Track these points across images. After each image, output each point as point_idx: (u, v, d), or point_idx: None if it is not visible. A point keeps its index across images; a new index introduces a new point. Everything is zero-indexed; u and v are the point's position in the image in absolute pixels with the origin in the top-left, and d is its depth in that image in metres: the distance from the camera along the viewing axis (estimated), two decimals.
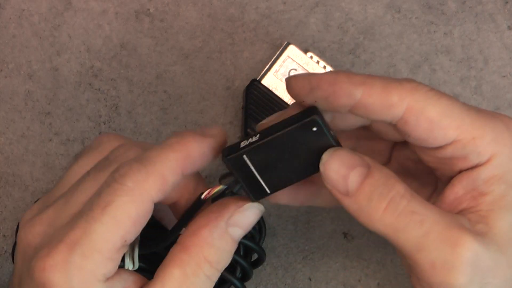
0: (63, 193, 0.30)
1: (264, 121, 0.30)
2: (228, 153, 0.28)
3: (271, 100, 0.39)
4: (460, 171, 0.28)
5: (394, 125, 0.27)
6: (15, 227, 0.38)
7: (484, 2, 0.43)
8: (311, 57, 0.40)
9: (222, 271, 0.29)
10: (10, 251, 0.41)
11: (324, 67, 0.40)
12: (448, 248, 0.25)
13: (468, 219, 0.27)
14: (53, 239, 0.27)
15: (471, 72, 0.42)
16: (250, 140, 0.28)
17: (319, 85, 0.27)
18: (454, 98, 0.27)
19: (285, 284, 0.40)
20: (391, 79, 0.27)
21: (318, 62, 0.40)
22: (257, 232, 0.38)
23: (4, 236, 0.41)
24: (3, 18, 0.43)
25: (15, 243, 0.37)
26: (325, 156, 0.27)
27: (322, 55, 0.42)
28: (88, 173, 0.30)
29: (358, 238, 0.40)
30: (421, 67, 0.42)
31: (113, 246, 0.27)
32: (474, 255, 0.25)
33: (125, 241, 0.27)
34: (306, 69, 0.40)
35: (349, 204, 0.27)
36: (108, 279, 0.27)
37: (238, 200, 0.29)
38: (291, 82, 0.28)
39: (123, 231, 0.27)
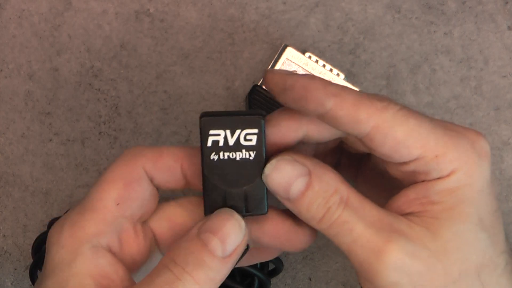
0: None
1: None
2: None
3: (275, 104, 0.39)
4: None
5: (360, 139, 0.28)
6: (16, 227, 0.38)
7: (484, 2, 0.43)
8: (310, 57, 0.40)
9: (215, 280, 0.28)
10: (29, 268, 0.41)
11: (324, 65, 0.40)
12: (373, 254, 0.27)
13: (409, 221, 0.28)
14: None
15: (471, 72, 0.42)
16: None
17: (292, 87, 0.27)
18: (424, 116, 0.28)
19: (285, 284, 0.41)
20: (366, 95, 0.27)
21: (317, 61, 0.40)
22: None
23: (4, 236, 0.41)
24: (3, 18, 0.43)
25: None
26: (267, 170, 0.28)
27: (322, 55, 0.42)
28: None
29: None
30: (421, 67, 0.42)
31: (104, 205, 0.29)
32: (399, 261, 0.26)
33: (118, 204, 0.29)
34: (306, 70, 0.40)
35: (291, 208, 0.29)
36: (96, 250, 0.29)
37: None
38: (268, 76, 0.29)
39: (115, 191, 0.29)
